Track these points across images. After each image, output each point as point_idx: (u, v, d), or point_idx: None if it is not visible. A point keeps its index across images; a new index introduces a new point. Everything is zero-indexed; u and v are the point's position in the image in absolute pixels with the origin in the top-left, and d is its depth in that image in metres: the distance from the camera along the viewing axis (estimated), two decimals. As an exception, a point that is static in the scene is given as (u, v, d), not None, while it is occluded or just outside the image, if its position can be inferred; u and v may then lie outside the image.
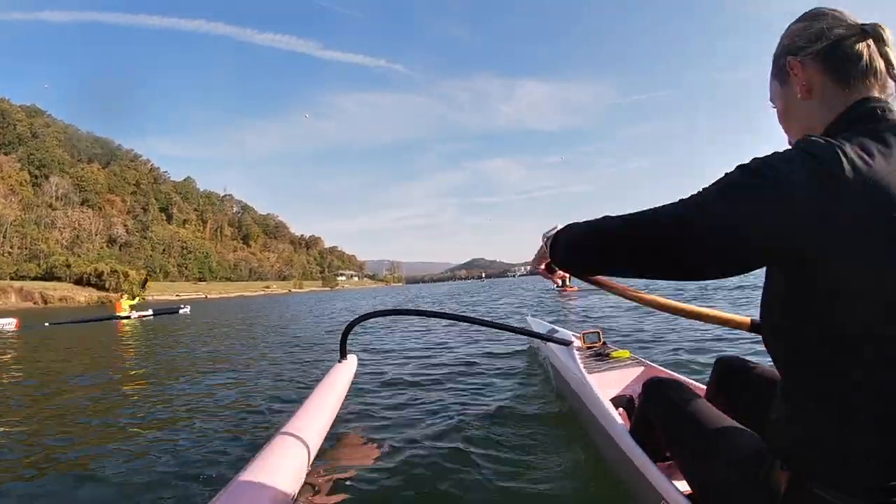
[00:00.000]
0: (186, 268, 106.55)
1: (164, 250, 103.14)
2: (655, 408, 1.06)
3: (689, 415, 0.94)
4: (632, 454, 1.19)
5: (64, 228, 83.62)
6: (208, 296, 74.05)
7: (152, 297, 59.61)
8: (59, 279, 61.45)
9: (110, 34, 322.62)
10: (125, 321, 12.40)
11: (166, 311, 14.47)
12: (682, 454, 0.94)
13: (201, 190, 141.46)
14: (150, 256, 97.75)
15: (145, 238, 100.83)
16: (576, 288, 13.22)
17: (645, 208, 0.70)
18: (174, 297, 60.83)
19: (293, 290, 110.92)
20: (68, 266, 63.70)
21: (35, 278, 62.17)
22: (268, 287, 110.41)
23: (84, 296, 55.57)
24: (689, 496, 0.96)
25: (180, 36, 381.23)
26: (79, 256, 73.62)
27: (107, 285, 60.14)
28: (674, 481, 1.03)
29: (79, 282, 60.94)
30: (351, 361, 2.47)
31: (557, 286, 14.76)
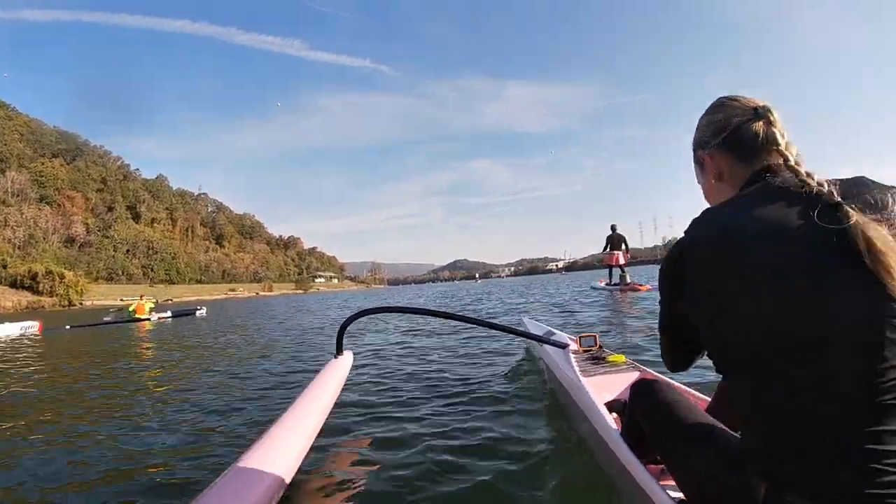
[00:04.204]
0: (152, 269, 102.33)
1: (127, 251, 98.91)
2: (643, 409, 1.06)
3: (676, 417, 0.94)
4: (624, 459, 1.18)
5: (17, 227, 79.39)
6: (160, 301, 70.30)
7: (91, 303, 56.10)
8: (-6, 281, 57.55)
9: (91, 33, 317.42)
10: (146, 323, 12.83)
11: (184, 312, 15.27)
12: (669, 457, 0.94)
13: (174, 188, 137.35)
14: (112, 257, 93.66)
15: (107, 237, 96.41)
16: (648, 287, 9.88)
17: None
18: (119, 302, 57.21)
19: (262, 293, 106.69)
20: (4, 267, 59.57)
21: (-26, 280, 58.18)
22: (233, 290, 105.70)
23: (12, 300, 51.04)
24: (680, 502, 0.94)
25: (163, 36, 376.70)
26: (34, 259, 69.44)
27: (41, 288, 55.92)
28: (666, 487, 1.01)
29: (14, 284, 56.99)
30: (347, 357, 2.52)
31: (611, 283, 11.74)
